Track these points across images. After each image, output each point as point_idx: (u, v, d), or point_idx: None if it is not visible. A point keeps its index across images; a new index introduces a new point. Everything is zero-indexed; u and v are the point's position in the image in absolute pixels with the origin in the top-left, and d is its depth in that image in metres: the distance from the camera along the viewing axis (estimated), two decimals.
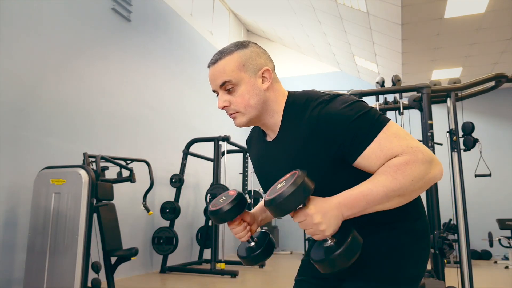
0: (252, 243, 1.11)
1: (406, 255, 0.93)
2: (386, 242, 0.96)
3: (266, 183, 1.09)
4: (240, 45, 1.00)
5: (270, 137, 1.05)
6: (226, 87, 0.98)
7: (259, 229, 1.19)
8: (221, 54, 0.99)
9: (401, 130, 0.89)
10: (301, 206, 0.85)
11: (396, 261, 0.94)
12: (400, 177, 0.83)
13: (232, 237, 8.22)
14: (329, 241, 0.84)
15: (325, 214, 0.83)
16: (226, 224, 1.11)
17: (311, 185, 0.83)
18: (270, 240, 1.11)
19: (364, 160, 0.89)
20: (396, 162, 0.85)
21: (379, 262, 0.95)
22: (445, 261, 6.11)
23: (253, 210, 1.20)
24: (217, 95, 1.02)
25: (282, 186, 0.84)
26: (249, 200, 6.63)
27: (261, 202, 1.21)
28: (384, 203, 0.85)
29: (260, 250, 1.09)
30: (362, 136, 0.88)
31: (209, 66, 1.01)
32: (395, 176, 0.83)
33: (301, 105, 0.97)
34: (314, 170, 0.93)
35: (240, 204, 1.04)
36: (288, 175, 0.87)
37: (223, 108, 1.00)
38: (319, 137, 0.91)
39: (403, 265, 0.93)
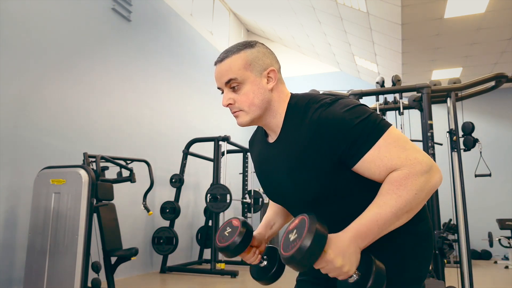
0: (265, 262, 1.10)
1: (409, 257, 0.93)
2: (389, 244, 0.95)
3: (267, 185, 1.10)
4: (247, 45, 1.01)
5: (272, 138, 1.06)
6: (231, 85, 0.99)
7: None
8: (228, 53, 1.00)
9: (401, 138, 0.89)
10: None
11: (399, 262, 0.94)
12: (404, 193, 0.84)
13: None
14: (354, 276, 0.82)
15: (344, 254, 0.81)
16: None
17: (325, 231, 0.80)
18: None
19: (363, 166, 0.90)
20: (397, 178, 0.85)
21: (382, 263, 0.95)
22: (445, 261, 6.11)
23: (259, 230, 1.19)
24: (222, 93, 1.03)
25: (296, 238, 0.80)
26: (249, 200, 6.63)
27: (266, 219, 1.22)
28: (395, 222, 0.85)
29: (276, 267, 1.09)
30: (362, 142, 0.88)
31: (215, 63, 1.02)
32: (398, 193, 0.84)
33: (302, 107, 0.97)
34: (314, 173, 0.93)
35: (248, 234, 1.03)
36: (297, 221, 0.84)
37: (227, 105, 1.01)
38: (319, 141, 0.91)
39: (406, 266, 0.93)
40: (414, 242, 0.95)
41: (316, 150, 0.92)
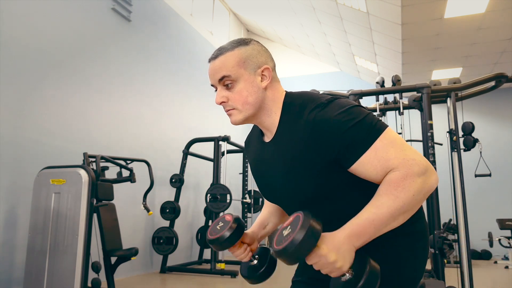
0: (255, 261, 1.11)
1: (404, 257, 0.93)
2: (384, 244, 0.95)
3: (263, 185, 1.09)
4: (241, 42, 1.00)
5: (268, 137, 1.04)
6: (225, 82, 0.98)
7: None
8: (222, 50, 0.99)
9: (397, 139, 0.89)
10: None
11: (394, 263, 0.93)
12: (401, 195, 0.83)
13: None
14: (347, 275, 0.82)
15: (338, 250, 0.81)
16: None
17: (319, 226, 0.80)
18: (272, 255, 1.11)
19: (360, 167, 0.89)
20: (395, 179, 0.85)
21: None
22: (445, 261, 6.11)
23: (252, 229, 1.19)
24: (216, 90, 1.01)
25: (289, 232, 0.81)
26: (249, 200, 6.63)
27: (260, 219, 1.22)
28: (391, 223, 0.84)
29: (264, 267, 1.10)
30: (358, 143, 0.88)
31: (209, 60, 1.01)
32: (396, 194, 0.83)
33: (298, 106, 0.96)
34: (309, 173, 0.93)
35: (238, 229, 1.04)
36: (291, 218, 0.84)
37: (220, 103, 1.00)
38: (314, 142, 0.91)
39: (402, 267, 0.93)
40: (409, 242, 0.94)
41: (311, 150, 0.91)
